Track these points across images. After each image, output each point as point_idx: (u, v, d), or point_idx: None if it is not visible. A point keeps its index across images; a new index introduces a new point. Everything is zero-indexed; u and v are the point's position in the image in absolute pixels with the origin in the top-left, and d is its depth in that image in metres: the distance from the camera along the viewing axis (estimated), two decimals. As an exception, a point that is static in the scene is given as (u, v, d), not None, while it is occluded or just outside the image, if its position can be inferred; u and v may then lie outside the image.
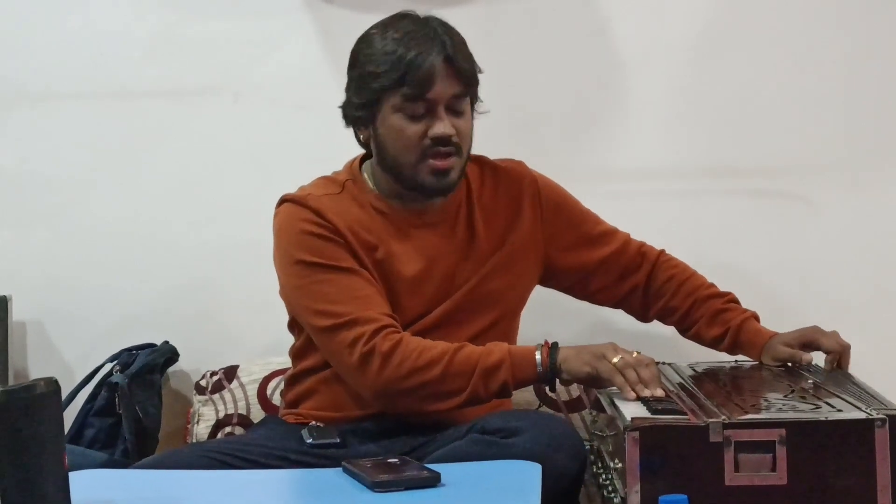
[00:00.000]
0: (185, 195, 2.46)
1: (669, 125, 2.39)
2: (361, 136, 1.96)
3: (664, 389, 1.71)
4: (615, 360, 1.74)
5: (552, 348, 1.80)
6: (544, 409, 2.17)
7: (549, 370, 1.78)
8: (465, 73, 1.88)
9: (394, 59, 1.85)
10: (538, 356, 1.79)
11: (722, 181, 2.38)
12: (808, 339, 1.94)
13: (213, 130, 2.45)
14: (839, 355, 1.90)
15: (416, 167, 1.88)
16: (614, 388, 1.75)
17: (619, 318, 2.18)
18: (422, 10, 1.94)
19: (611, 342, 1.80)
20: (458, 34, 1.92)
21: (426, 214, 1.96)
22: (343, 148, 2.00)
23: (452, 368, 1.78)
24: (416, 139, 1.87)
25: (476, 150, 2.06)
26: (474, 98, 1.94)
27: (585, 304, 2.15)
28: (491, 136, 2.25)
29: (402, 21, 1.90)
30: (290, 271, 1.91)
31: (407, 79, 1.84)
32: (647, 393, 1.69)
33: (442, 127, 1.86)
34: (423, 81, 1.84)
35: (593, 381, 1.79)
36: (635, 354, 1.76)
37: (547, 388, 1.85)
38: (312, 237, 1.89)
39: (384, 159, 1.92)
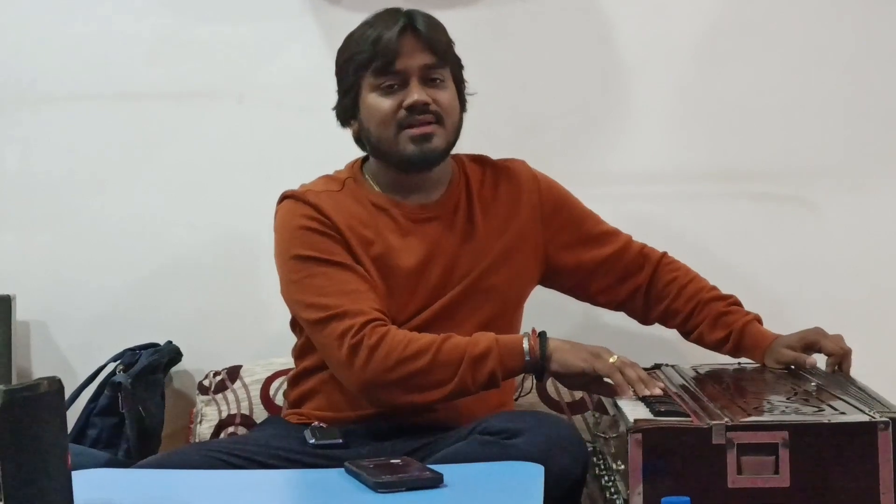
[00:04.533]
0: (188, 197, 2.46)
1: (672, 128, 2.39)
2: (353, 132, 1.97)
3: (662, 389, 1.71)
4: (612, 359, 1.74)
5: (541, 337, 1.78)
6: (547, 410, 2.17)
7: (538, 359, 1.76)
8: (434, 43, 1.89)
9: (363, 40, 1.90)
10: (525, 344, 1.77)
11: (724, 184, 2.38)
12: (810, 341, 1.94)
13: (218, 133, 2.46)
14: (840, 358, 1.90)
15: (397, 140, 1.90)
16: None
17: (620, 320, 2.17)
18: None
19: (601, 346, 1.79)
20: (431, 17, 1.93)
21: (425, 210, 1.96)
22: (347, 149, 2.01)
23: (440, 358, 1.76)
24: (392, 112, 1.89)
25: (480, 151, 2.07)
26: (456, 73, 1.94)
27: (586, 306, 2.14)
28: (494, 139, 2.26)
29: (378, 11, 1.93)
30: (286, 266, 1.91)
31: (376, 53, 1.88)
32: (647, 391, 1.69)
33: (415, 94, 1.87)
34: (390, 53, 1.87)
35: (587, 379, 1.77)
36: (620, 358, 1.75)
37: (533, 379, 1.81)
38: (309, 232, 1.89)
39: (371, 145, 1.94)
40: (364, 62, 1.89)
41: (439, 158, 1.92)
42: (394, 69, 1.88)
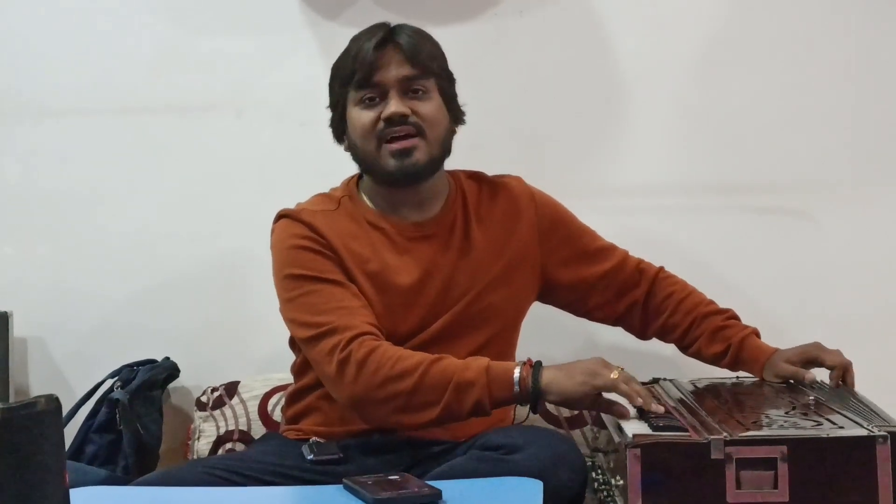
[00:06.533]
0: (186, 211, 2.46)
1: (672, 141, 2.40)
2: (346, 148, 1.97)
3: (664, 406, 1.71)
4: (612, 374, 1.70)
5: (535, 368, 1.73)
6: (545, 425, 2.17)
7: (528, 391, 1.71)
8: (414, 54, 1.88)
9: (346, 56, 1.91)
10: (516, 375, 1.72)
11: (724, 197, 2.38)
12: (810, 356, 1.93)
13: (217, 146, 2.46)
14: (843, 371, 1.89)
15: (378, 154, 1.90)
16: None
17: (618, 335, 2.17)
18: (425, 27, 1.96)
19: (598, 357, 1.74)
20: (418, 31, 1.93)
21: (421, 227, 1.96)
22: (345, 163, 2.01)
23: (426, 381, 1.73)
24: (372, 125, 1.89)
25: (480, 165, 2.07)
26: (444, 86, 1.93)
27: (583, 322, 2.14)
28: (494, 152, 2.27)
29: (369, 26, 1.93)
30: (281, 285, 1.91)
31: (356, 67, 1.88)
32: (651, 405, 1.66)
33: (393, 106, 1.87)
34: (368, 65, 1.87)
35: (591, 402, 1.72)
36: (622, 370, 1.72)
37: (529, 409, 1.77)
38: (303, 251, 1.89)
39: (358, 160, 1.95)
40: (346, 77, 1.90)
41: (423, 172, 1.91)
42: (373, 82, 1.88)
